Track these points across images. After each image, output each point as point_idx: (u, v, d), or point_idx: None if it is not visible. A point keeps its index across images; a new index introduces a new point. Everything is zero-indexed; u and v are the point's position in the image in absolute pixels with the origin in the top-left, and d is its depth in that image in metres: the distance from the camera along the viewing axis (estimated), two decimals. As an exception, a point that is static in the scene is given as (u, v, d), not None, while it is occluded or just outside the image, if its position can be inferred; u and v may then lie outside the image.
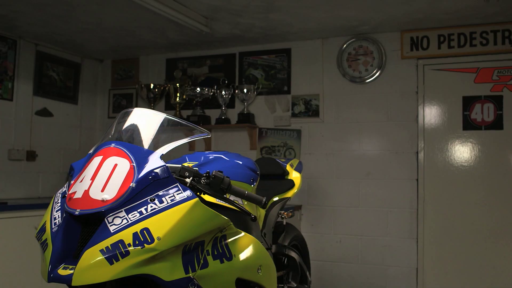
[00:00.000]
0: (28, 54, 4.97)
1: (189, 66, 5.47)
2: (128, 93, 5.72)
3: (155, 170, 1.73)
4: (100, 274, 1.55)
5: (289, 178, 3.06)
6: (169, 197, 1.70)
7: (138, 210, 1.65)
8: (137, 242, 1.58)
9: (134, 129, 1.93)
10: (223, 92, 5.09)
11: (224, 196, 1.94)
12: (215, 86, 5.15)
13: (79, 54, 5.53)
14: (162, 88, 5.36)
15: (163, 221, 1.64)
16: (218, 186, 1.88)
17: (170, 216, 1.65)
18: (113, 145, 1.80)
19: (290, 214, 2.94)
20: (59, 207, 1.75)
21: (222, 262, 1.88)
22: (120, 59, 5.76)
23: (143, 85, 5.32)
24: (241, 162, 2.34)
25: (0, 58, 4.68)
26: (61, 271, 1.59)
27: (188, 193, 1.72)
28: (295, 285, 2.78)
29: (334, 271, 4.68)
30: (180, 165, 1.92)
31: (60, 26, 4.57)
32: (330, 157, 4.83)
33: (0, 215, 3.78)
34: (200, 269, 1.77)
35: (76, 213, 1.65)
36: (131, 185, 1.68)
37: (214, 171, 1.90)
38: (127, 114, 1.96)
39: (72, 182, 1.80)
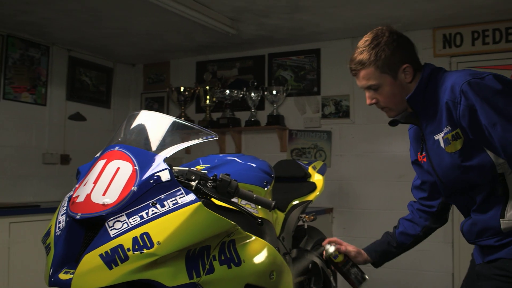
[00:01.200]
0: (60, 60, 5.06)
1: (219, 69, 5.46)
2: (159, 96, 5.76)
3: (158, 174, 1.70)
4: (99, 279, 1.53)
5: (311, 180, 2.99)
6: (171, 201, 1.66)
7: (139, 214, 1.62)
8: (136, 247, 1.55)
9: (139, 132, 1.91)
10: (253, 94, 5.06)
11: (233, 199, 1.90)
12: (245, 88, 5.12)
13: (111, 59, 5.61)
14: (192, 91, 5.37)
15: (164, 226, 1.60)
16: (225, 190, 1.84)
17: (171, 221, 1.62)
18: (117, 148, 1.78)
19: (312, 217, 2.86)
20: (64, 211, 1.74)
21: (229, 267, 1.82)
22: (151, 63, 5.81)
23: (173, 89, 5.35)
24: (254, 165, 2.29)
25: (34, 64, 4.79)
26: (62, 276, 1.58)
27: (190, 196, 1.68)
28: (317, 291, 2.71)
29: (368, 275, 4.56)
30: (187, 168, 1.88)
31: (89, 32, 4.63)
32: (361, 159, 4.72)
33: (33, 217, 3.86)
34: (206, 275, 1.73)
35: (77, 217, 1.64)
36: (132, 188, 1.65)
37: (221, 174, 1.85)
38: (134, 117, 1.95)
39: (77, 185, 1.79)
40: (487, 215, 1.80)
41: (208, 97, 5.28)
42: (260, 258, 1.99)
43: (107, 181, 1.68)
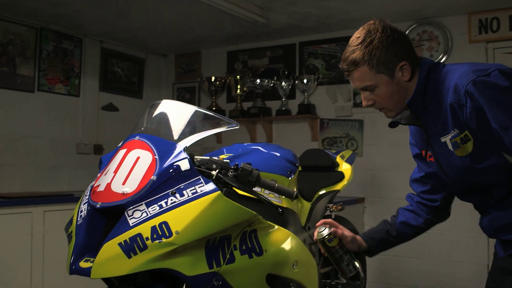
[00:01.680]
0: (93, 51, 5.13)
1: (250, 58, 5.43)
2: (191, 86, 5.78)
3: (177, 163, 1.69)
4: (118, 268, 1.54)
5: (339, 170, 2.95)
6: (190, 190, 1.66)
7: (158, 204, 1.62)
8: (155, 236, 1.55)
9: (161, 121, 1.90)
10: (283, 83, 5.02)
11: (255, 189, 1.88)
12: (275, 77, 5.08)
13: (143, 50, 5.65)
14: (223, 80, 5.36)
15: (183, 215, 1.60)
16: (246, 179, 1.82)
17: (190, 210, 1.61)
18: (137, 137, 1.79)
19: (340, 207, 2.82)
20: (86, 200, 1.75)
21: (251, 257, 1.81)
22: (183, 54, 5.83)
23: (204, 78, 5.36)
24: (278, 154, 2.27)
25: (67, 56, 4.87)
26: (83, 264, 1.59)
27: (210, 186, 1.67)
28: (345, 281, 2.67)
29: (399, 266, 4.50)
30: (208, 158, 1.87)
31: (121, 24, 4.67)
32: (393, 148, 4.63)
33: (67, 206, 3.93)
34: (226, 264, 1.72)
35: (98, 206, 1.65)
36: (152, 178, 1.65)
37: (242, 164, 1.84)
38: (155, 106, 1.94)
39: (98, 175, 1.81)
40: (507, 211, 1.72)
41: (239, 86, 5.27)
42: (282, 248, 1.97)
43: (127, 170, 1.69)
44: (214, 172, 1.79)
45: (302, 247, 2.09)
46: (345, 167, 2.96)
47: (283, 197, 2.21)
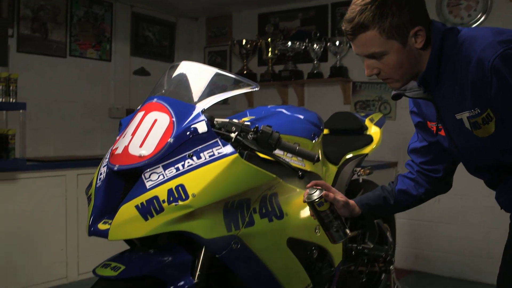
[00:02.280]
0: (124, 16, 5.12)
1: (281, 20, 5.32)
2: (222, 50, 5.73)
3: (195, 125, 1.67)
4: (135, 230, 1.55)
5: (367, 133, 2.88)
6: (207, 153, 1.64)
7: (175, 166, 1.61)
8: (171, 199, 1.55)
9: (179, 83, 1.88)
10: (315, 46, 4.90)
11: (276, 152, 1.84)
12: (307, 40, 4.97)
13: (173, 14, 5.61)
14: (254, 43, 5.28)
15: (199, 178, 1.59)
16: (266, 142, 1.79)
17: (206, 173, 1.60)
18: (155, 100, 1.77)
19: (368, 171, 2.76)
20: (106, 163, 1.76)
21: (271, 220, 1.80)
22: (214, 17, 5.75)
23: (235, 42, 5.29)
24: (302, 117, 2.22)
25: (98, 21, 4.87)
26: (101, 226, 1.60)
27: (227, 148, 1.65)
28: (372, 246, 2.64)
29: (432, 231, 4.42)
30: (228, 120, 1.84)
31: (150, -14, 4.63)
32: (428, 111, 4.50)
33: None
34: (245, 228, 1.71)
35: (115, 168, 1.65)
36: (169, 140, 1.64)
37: (262, 126, 1.80)
38: (174, 68, 1.92)
39: (117, 137, 1.80)
40: None
41: (270, 49, 5.19)
42: (304, 211, 1.95)
43: (144, 133, 1.68)
44: (233, 135, 1.76)
45: (325, 211, 2.05)
46: (374, 131, 2.89)
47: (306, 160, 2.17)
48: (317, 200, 1.77)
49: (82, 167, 4.03)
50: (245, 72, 5.24)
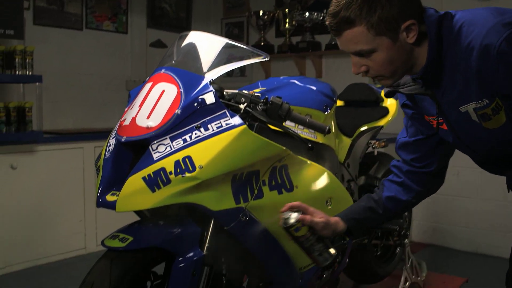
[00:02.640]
0: (140, -13, 5.08)
1: (299, -10, 5.23)
2: (239, 21, 5.66)
3: (202, 96, 1.65)
4: (142, 201, 1.54)
5: (383, 105, 2.82)
6: (215, 124, 1.62)
7: (183, 138, 1.60)
8: (178, 171, 1.54)
9: (188, 53, 1.85)
10: (333, 16, 4.80)
11: (286, 124, 1.81)
12: (325, 10, 4.86)
13: (190, -16, 5.55)
14: (271, 14, 5.20)
15: (206, 149, 1.57)
16: (275, 113, 1.76)
17: (214, 144, 1.58)
18: (163, 70, 1.75)
19: (383, 144, 2.72)
20: (114, 135, 1.75)
21: (280, 193, 1.78)
22: (231, -13, 5.68)
23: (252, 13, 5.21)
24: (314, 88, 2.17)
25: (114, -8, 4.84)
26: (109, 197, 1.60)
27: (235, 119, 1.63)
28: (386, 219, 2.61)
29: (450, 205, 4.36)
30: (237, 91, 1.82)
31: (165, -44, 4.56)
32: (449, 83, 4.39)
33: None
34: (254, 200, 1.70)
35: (123, 140, 1.65)
36: (176, 111, 1.62)
37: (272, 97, 1.77)
38: (183, 38, 1.88)
39: (126, 109, 1.79)
40: None
41: (287, 20, 5.11)
42: (315, 184, 1.92)
43: (152, 104, 1.66)
44: (242, 106, 1.74)
45: (337, 184, 2.02)
46: (390, 102, 2.83)
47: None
48: (293, 226, 1.65)
49: (99, 139, 4.05)
50: (262, 43, 5.17)
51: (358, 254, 2.57)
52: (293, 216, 1.65)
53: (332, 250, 1.71)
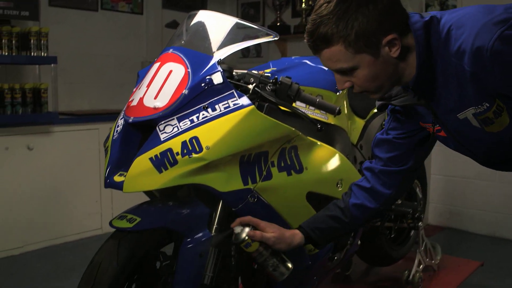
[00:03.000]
0: (155, -33, 5.04)
1: (316, -31, 5.14)
2: (255, 1, 5.60)
3: (210, 76, 1.63)
4: (149, 182, 1.54)
5: (398, 86, 2.76)
6: (222, 105, 1.60)
7: (190, 118, 1.58)
8: (185, 151, 1.53)
9: (196, 33, 1.83)
10: (350, -4, 4.72)
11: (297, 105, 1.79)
12: (342, -11, 4.79)
13: (206, -36, 5.49)
14: (287, -6, 5.14)
15: (213, 130, 1.56)
16: (284, 93, 1.73)
17: (221, 125, 1.56)
18: (171, 50, 1.73)
19: (397, 125, 2.67)
20: (122, 115, 1.74)
21: (289, 174, 1.76)
22: (247, -33, 5.61)
23: (268, -7, 5.16)
24: (326, 68, 2.13)
25: (128, -27, 4.81)
26: (117, 178, 1.60)
27: (243, 100, 1.61)
28: (400, 202, 2.58)
29: (468, 188, 4.30)
30: (246, 71, 1.79)
31: None
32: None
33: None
34: (262, 181, 1.68)
35: (130, 120, 1.64)
36: (183, 92, 1.61)
37: (281, 77, 1.74)
38: (192, 17, 1.86)
39: (134, 89, 1.78)
40: None
41: (303, 0, 5.03)
42: (325, 165, 1.90)
43: (159, 84, 1.65)
44: (250, 86, 1.71)
45: (348, 166, 2.00)
46: (405, 83, 2.77)
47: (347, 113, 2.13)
48: (243, 241, 1.58)
49: (114, 120, 4.04)
50: (278, 24, 5.12)
51: (371, 236, 2.55)
52: (243, 231, 1.60)
53: (289, 264, 1.66)
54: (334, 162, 1.93)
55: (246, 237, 1.58)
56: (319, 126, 1.74)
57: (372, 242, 2.60)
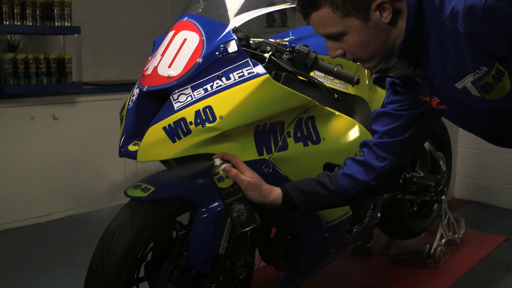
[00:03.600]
0: None
1: None
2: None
3: (224, 45, 1.60)
4: (163, 152, 1.53)
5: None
6: (237, 74, 1.57)
7: (204, 87, 1.56)
8: (198, 121, 1.51)
9: (212, 1, 1.80)
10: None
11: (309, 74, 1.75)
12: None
13: None
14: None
15: (227, 99, 1.53)
16: (302, 62, 1.69)
17: (235, 94, 1.54)
18: (185, 18, 1.71)
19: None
20: (137, 84, 1.73)
21: (306, 145, 1.73)
22: None
23: (294, -39, 5.04)
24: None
25: None
26: (131, 147, 1.60)
27: (258, 69, 1.57)
28: (422, 174, 2.53)
29: (495, 161, 4.20)
30: (263, 40, 1.75)
31: None
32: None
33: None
34: (278, 152, 1.66)
35: (144, 89, 1.63)
36: (197, 60, 1.58)
37: (298, 45, 1.70)
38: (208, -16, 1.82)
39: (149, 58, 1.77)
40: None
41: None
42: (343, 136, 1.87)
43: (174, 53, 1.63)
44: (266, 55, 1.68)
45: (368, 137, 1.94)
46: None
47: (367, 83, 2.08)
48: (217, 173, 1.52)
49: (138, 91, 4.07)
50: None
51: (392, 209, 2.52)
52: (222, 165, 1.53)
53: (257, 217, 1.55)
54: (352, 133, 1.89)
55: (221, 171, 1.52)
56: (336, 95, 1.70)
57: (393, 215, 2.57)
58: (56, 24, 3.64)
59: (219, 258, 1.67)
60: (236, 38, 1.60)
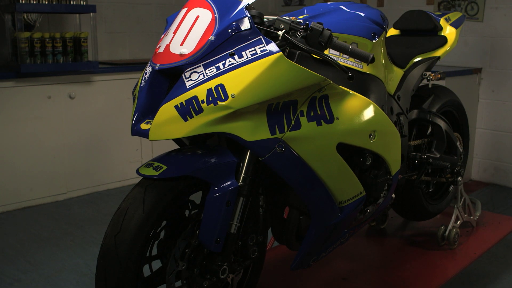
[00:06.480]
0: None
1: None
2: None
3: (237, 22, 1.57)
4: (175, 130, 1.52)
5: (441, 34, 2.63)
6: (249, 52, 1.55)
7: (216, 65, 1.54)
8: (210, 99, 1.49)
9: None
10: None
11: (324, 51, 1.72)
12: None
13: None
14: None
15: (240, 77, 1.51)
16: (316, 40, 1.66)
17: (247, 72, 1.52)
18: (198, -5, 1.67)
19: (439, 76, 2.56)
20: (150, 62, 1.72)
21: (319, 124, 1.71)
22: None
23: None
24: (363, 14, 2.04)
25: None
26: (143, 126, 1.59)
27: (271, 46, 1.55)
28: (438, 155, 2.49)
29: (515, 143, 4.15)
30: (276, 17, 1.73)
31: None
32: (522, 12, 4.07)
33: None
34: (291, 131, 1.64)
35: (156, 67, 1.62)
36: (210, 38, 1.56)
37: (312, 23, 1.67)
38: (222, -40, 1.78)
39: (162, 36, 1.75)
40: None
41: None
42: (358, 115, 1.84)
43: (186, 30, 1.61)
44: (280, 33, 1.65)
45: (382, 117, 1.93)
46: (449, 31, 2.63)
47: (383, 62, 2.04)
48: None
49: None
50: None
51: (407, 190, 2.49)
52: None
53: None
54: (367, 113, 1.86)
55: None
56: (349, 74, 1.67)
57: (408, 196, 2.55)
58: (72, 2, 3.63)
59: (231, 237, 1.67)
60: (249, 16, 1.58)
